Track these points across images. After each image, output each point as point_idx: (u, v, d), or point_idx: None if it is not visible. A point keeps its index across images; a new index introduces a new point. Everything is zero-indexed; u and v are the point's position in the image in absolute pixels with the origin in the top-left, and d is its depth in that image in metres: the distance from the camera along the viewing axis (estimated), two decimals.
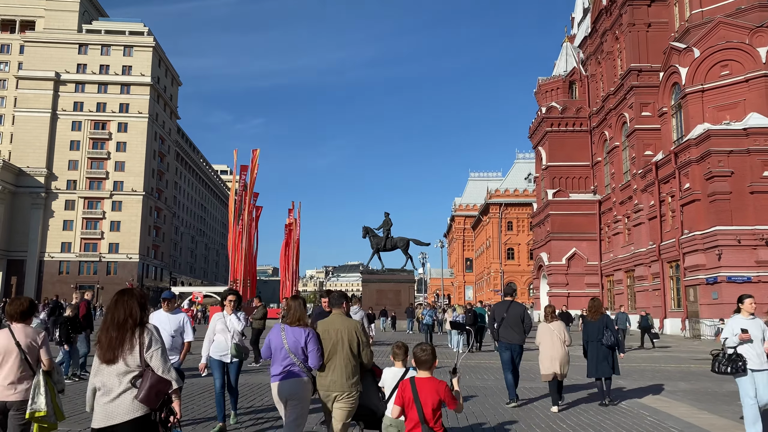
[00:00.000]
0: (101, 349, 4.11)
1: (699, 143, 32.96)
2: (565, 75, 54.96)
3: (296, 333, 5.67)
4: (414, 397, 4.58)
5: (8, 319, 5.24)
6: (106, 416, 4.02)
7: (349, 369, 5.65)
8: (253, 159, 43.74)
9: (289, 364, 5.61)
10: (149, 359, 4.13)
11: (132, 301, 4.25)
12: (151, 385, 4.03)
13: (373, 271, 47.15)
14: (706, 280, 32.06)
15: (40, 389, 5.02)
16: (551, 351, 9.70)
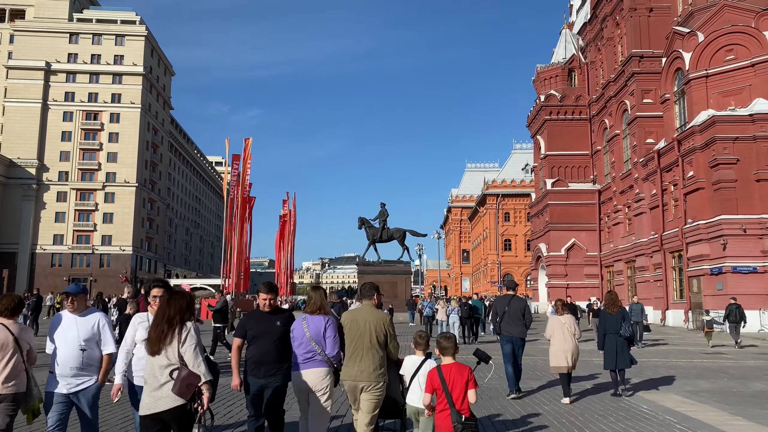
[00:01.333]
0: (150, 343, 4.61)
1: (703, 130, 32.05)
2: (564, 62, 53.94)
3: (317, 321, 5.71)
4: (442, 384, 4.98)
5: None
6: (151, 405, 4.49)
7: (377, 359, 5.67)
8: (245, 148, 42.77)
9: (312, 353, 5.63)
10: (183, 353, 4.53)
11: (182, 301, 4.70)
12: (182, 379, 4.44)
13: (369, 263, 46.25)
14: (710, 270, 31.23)
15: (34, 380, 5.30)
16: (563, 344, 9.82)
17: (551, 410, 9.24)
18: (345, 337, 5.80)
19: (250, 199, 46.11)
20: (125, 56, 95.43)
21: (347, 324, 5.82)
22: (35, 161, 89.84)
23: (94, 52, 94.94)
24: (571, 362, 9.78)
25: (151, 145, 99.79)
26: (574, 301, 29.75)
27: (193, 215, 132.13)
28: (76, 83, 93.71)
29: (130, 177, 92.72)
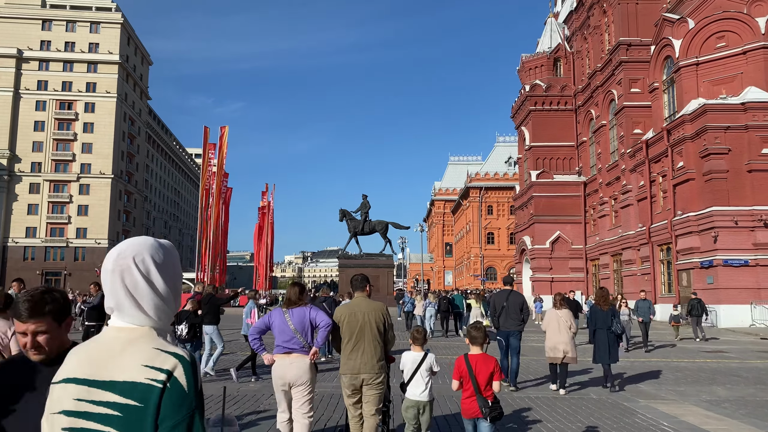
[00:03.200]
0: None
1: (694, 119, 31.15)
2: (549, 52, 52.91)
3: (299, 313, 5.77)
4: (469, 371, 5.33)
5: None
6: None
7: (378, 351, 5.68)
8: (221, 137, 41.13)
9: (293, 341, 5.66)
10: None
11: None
12: None
13: (350, 256, 44.98)
14: (700, 263, 30.39)
15: None
16: (557, 336, 10.15)
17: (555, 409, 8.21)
18: (344, 331, 5.73)
19: (227, 189, 44.53)
20: (100, 44, 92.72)
21: (345, 318, 5.75)
22: (6, 152, 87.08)
23: (68, 39, 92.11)
24: (563, 353, 10.06)
25: (127, 135, 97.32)
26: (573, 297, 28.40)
27: (172, 208, 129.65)
28: (49, 71, 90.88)
29: (106, 168, 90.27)
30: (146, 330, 1.75)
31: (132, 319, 1.76)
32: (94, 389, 1.64)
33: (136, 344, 1.70)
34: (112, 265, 1.81)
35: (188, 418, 1.63)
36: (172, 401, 1.62)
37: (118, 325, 1.78)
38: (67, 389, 1.67)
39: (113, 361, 1.67)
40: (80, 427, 1.62)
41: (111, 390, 1.63)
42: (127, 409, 1.60)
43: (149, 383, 1.62)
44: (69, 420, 1.64)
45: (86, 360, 1.71)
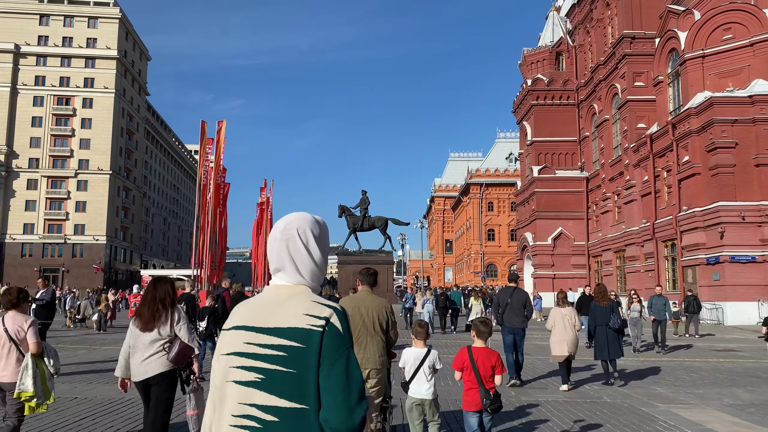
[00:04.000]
0: (142, 320, 5.35)
1: (700, 112, 30.53)
2: (551, 45, 52.24)
3: None
4: (471, 363, 5.51)
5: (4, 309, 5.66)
6: (144, 371, 5.25)
7: (381, 346, 5.70)
8: (218, 131, 40.37)
9: None
10: (178, 331, 5.38)
11: (167, 285, 5.54)
12: (179, 350, 5.31)
13: (349, 253, 44.31)
14: (706, 260, 29.79)
15: (27, 371, 5.32)
16: (563, 334, 10.16)
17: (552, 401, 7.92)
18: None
19: (224, 185, 43.89)
20: (98, 39, 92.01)
21: (348, 312, 5.50)
22: (4, 147, 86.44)
23: (65, 34, 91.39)
24: (569, 351, 10.12)
25: (125, 131, 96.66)
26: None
27: (171, 204, 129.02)
28: (46, 67, 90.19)
29: (104, 164, 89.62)
30: (303, 288, 2.07)
31: (292, 279, 2.08)
32: (261, 334, 1.94)
33: (296, 298, 2.02)
34: (280, 234, 2.10)
35: (345, 355, 1.92)
36: (331, 342, 1.91)
37: (279, 283, 2.10)
38: (237, 335, 1.98)
39: (277, 312, 1.98)
40: (250, 365, 1.92)
41: (276, 335, 1.93)
42: (292, 350, 1.90)
43: (310, 328, 1.92)
44: (240, 360, 1.94)
45: (253, 311, 2.02)
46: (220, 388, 1.96)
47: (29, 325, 5.55)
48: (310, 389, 1.87)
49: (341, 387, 1.86)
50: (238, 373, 1.92)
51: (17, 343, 5.48)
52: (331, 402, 1.85)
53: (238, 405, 1.89)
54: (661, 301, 16.81)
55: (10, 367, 5.45)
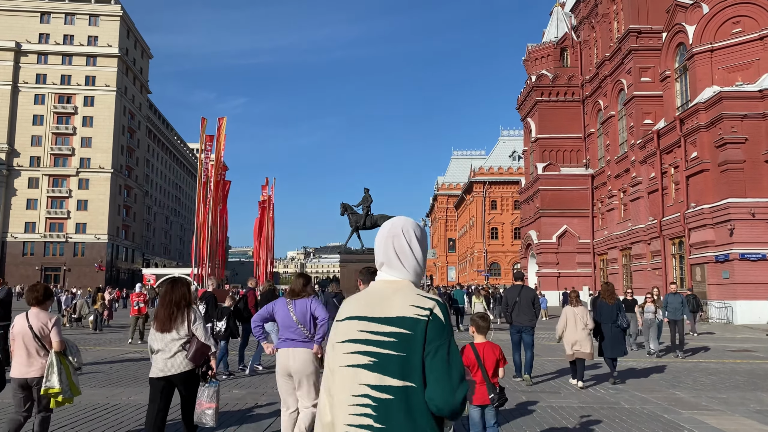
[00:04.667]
0: (159, 322, 5.60)
1: (709, 107, 29.93)
2: (556, 41, 51.61)
3: (301, 304, 5.88)
4: (477, 359, 5.53)
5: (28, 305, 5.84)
6: (164, 369, 5.54)
7: None
8: (219, 128, 39.99)
9: (297, 334, 5.74)
10: (194, 330, 5.64)
11: (184, 287, 5.78)
12: (197, 349, 5.60)
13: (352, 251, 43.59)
14: (715, 257, 29.20)
15: (53, 368, 5.49)
16: (575, 333, 10.23)
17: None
18: None
19: (225, 183, 43.43)
20: (99, 37, 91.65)
21: None
22: (5, 146, 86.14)
23: (66, 32, 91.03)
24: (583, 350, 10.11)
25: (127, 129, 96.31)
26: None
27: (173, 203, 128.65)
28: (47, 65, 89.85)
29: (106, 163, 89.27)
30: (407, 282, 2.31)
31: (397, 274, 2.31)
32: (372, 323, 2.17)
33: (401, 291, 2.25)
34: (387, 232, 2.36)
35: (447, 342, 2.14)
36: (435, 330, 2.13)
37: (385, 278, 2.34)
38: (350, 324, 2.21)
39: (386, 303, 2.20)
40: (364, 350, 2.14)
41: (387, 323, 2.15)
42: (400, 335, 2.12)
43: (416, 317, 2.15)
44: (354, 346, 2.16)
45: (363, 303, 2.25)
46: (335, 372, 2.20)
47: (53, 323, 5.70)
48: (416, 370, 2.10)
49: (445, 370, 2.08)
50: (353, 358, 2.15)
51: (41, 339, 5.61)
52: (436, 383, 2.07)
53: (356, 386, 2.12)
54: (677, 300, 15.35)
55: (36, 364, 5.58)
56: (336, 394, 2.16)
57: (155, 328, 5.62)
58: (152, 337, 5.66)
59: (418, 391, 2.07)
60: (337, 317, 2.28)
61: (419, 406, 2.06)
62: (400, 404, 2.05)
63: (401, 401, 2.05)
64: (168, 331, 5.56)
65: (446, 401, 2.05)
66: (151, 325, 5.73)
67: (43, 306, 5.81)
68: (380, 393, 2.07)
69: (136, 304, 19.03)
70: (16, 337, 5.64)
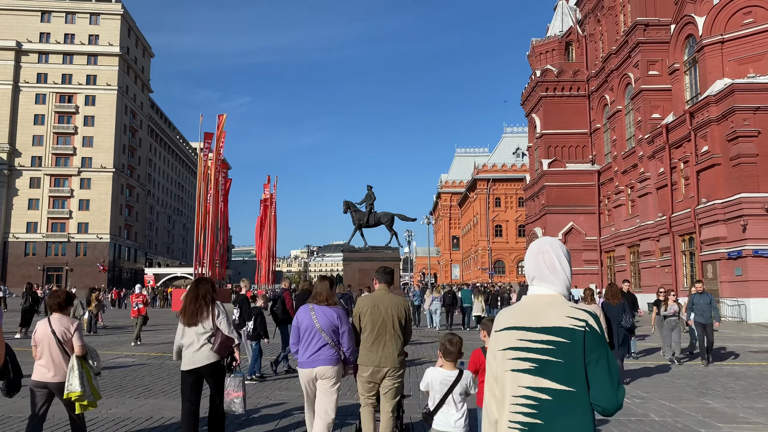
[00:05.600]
0: (186, 316, 5.93)
1: (720, 100, 29.19)
2: (560, 36, 50.83)
3: (327, 312, 5.72)
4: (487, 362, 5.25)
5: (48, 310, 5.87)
6: (192, 362, 5.83)
7: (399, 344, 5.63)
8: (219, 125, 39.39)
9: (322, 344, 5.60)
10: (219, 324, 5.91)
11: (208, 285, 6.11)
12: (221, 341, 5.86)
13: (355, 249, 43.00)
14: (727, 254, 28.47)
15: (74, 372, 5.52)
16: None
17: None
18: (366, 323, 5.69)
19: (226, 181, 42.83)
20: (100, 36, 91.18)
21: (368, 310, 5.69)
22: (6, 146, 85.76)
23: (67, 31, 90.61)
24: None
25: (129, 129, 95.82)
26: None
27: (175, 202, 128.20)
28: (48, 64, 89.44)
29: (107, 162, 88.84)
30: (558, 296, 2.48)
31: (549, 288, 2.49)
32: (531, 332, 2.37)
33: (554, 304, 2.43)
34: (537, 249, 2.57)
35: (605, 351, 2.35)
36: (593, 341, 2.33)
37: (536, 292, 2.51)
38: (510, 333, 2.41)
39: (542, 314, 2.40)
40: (524, 356, 2.35)
41: (545, 333, 2.35)
42: (559, 344, 2.33)
43: (573, 327, 2.35)
44: (515, 353, 2.38)
45: (520, 315, 2.44)
46: (499, 377, 2.44)
47: (75, 327, 5.76)
48: (575, 375, 2.31)
49: (607, 376, 2.31)
50: (514, 363, 2.37)
51: (63, 344, 5.65)
52: (601, 388, 2.30)
53: (517, 387, 2.35)
54: (704, 300, 13.45)
55: (58, 368, 5.61)
56: (500, 396, 2.42)
57: (183, 322, 5.97)
58: (180, 331, 6.00)
59: (575, 394, 2.30)
60: (495, 328, 2.51)
61: (575, 407, 2.29)
62: (558, 404, 2.29)
63: (559, 402, 2.29)
64: (194, 325, 5.89)
65: (611, 403, 2.32)
66: (179, 319, 6.10)
67: (65, 311, 5.87)
68: (539, 393, 2.31)
69: (135, 305, 18.45)
70: (38, 341, 5.70)
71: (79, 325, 5.86)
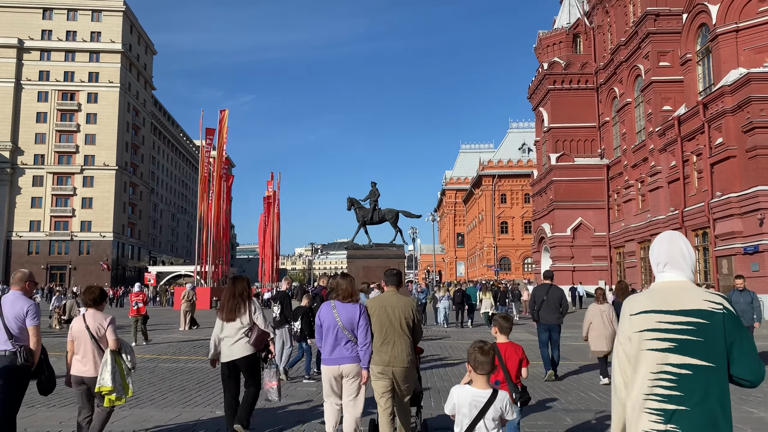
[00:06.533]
0: (224, 312, 6.40)
1: (735, 90, 28.26)
2: (568, 28, 49.90)
3: (349, 309, 5.80)
4: (499, 359, 5.24)
5: (83, 306, 6.07)
6: (230, 354, 6.29)
7: (408, 344, 5.71)
8: (220, 120, 38.63)
9: (346, 342, 5.71)
10: (255, 319, 6.40)
11: (244, 282, 6.62)
12: (258, 335, 6.35)
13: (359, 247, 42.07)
14: (743, 249, 27.57)
15: (107, 367, 5.65)
16: (602, 330, 10.31)
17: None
18: (374, 325, 5.77)
19: (228, 177, 42.11)
20: (102, 33, 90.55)
21: (375, 311, 5.80)
22: (9, 144, 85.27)
23: (69, 28, 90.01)
24: (610, 347, 9.98)
25: (131, 126, 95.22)
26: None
27: (179, 200, 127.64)
28: (50, 61, 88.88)
29: (110, 160, 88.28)
30: (689, 281, 2.72)
31: (680, 274, 2.74)
32: (668, 315, 2.59)
33: (688, 289, 2.67)
34: (667, 238, 2.84)
35: (745, 331, 2.59)
36: (733, 323, 2.58)
37: (668, 279, 2.75)
38: (647, 317, 2.62)
39: (678, 298, 2.62)
40: (663, 337, 2.57)
41: (683, 315, 2.58)
42: (698, 324, 2.56)
43: (712, 309, 2.57)
44: (654, 334, 2.60)
45: (655, 299, 2.65)
46: (632, 356, 2.65)
47: (108, 322, 5.87)
48: (714, 352, 2.54)
49: (751, 355, 2.58)
50: (654, 344, 2.59)
51: (97, 339, 5.77)
52: (746, 365, 2.57)
53: (655, 365, 2.57)
54: (746, 299, 11.52)
55: (92, 363, 5.72)
56: (634, 374, 2.63)
57: (221, 318, 6.41)
58: (218, 326, 6.42)
59: (714, 368, 2.54)
60: (630, 312, 2.70)
61: (714, 379, 2.53)
62: (697, 378, 2.52)
63: (698, 375, 2.52)
64: (233, 320, 6.31)
65: (757, 377, 2.59)
66: (217, 315, 6.51)
67: (99, 307, 5.99)
68: (680, 369, 2.53)
69: (135, 305, 17.71)
70: (75, 337, 5.83)
71: (113, 320, 5.95)
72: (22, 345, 5.41)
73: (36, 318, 5.55)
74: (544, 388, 10.09)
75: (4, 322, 5.42)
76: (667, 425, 2.50)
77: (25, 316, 5.49)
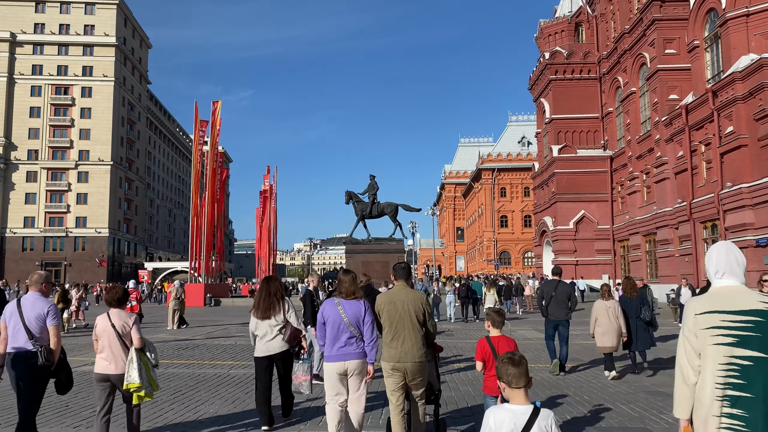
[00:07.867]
0: (260, 310, 6.87)
1: (746, 77, 27.25)
2: (570, 16, 48.82)
3: (353, 306, 5.79)
4: (492, 351, 5.48)
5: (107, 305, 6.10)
6: (267, 350, 6.82)
7: (419, 339, 5.64)
8: (214, 112, 37.53)
9: (351, 338, 5.70)
10: (288, 317, 6.87)
11: (277, 282, 7.12)
12: (291, 332, 6.87)
13: (357, 241, 41.20)
14: (756, 241, 26.61)
15: (133, 364, 5.71)
16: (608, 326, 10.45)
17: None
18: (384, 320, 5.73)
19: (222, 170, 41.04)
20: (96, 26, 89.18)
21: (384, 307, 5.73)
22: (2, 139, 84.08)
23: (62, 21, 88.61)
24: (616, 343, 10.44)
25: (126, 121, 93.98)
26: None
27: (176, 195, 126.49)
28: (43, 55, 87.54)
29: (105, 155, 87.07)
30: (743, 286, 3.11)
31: (735, 280, 3.11)
32: (730, 315, 2.94)
33: (744, 292, 3.06)
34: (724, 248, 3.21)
35: None
36: None
37: (725, 284, 3.11)
38: (711, 316, 2.97)
39: (735, 300, 2.98)
40: (727, 333, 2.92)
41: (743, 314, 2.93)
42: (756, 322, 2.91)
43: (766, 309, 2.94)
44: (718, 330, 2.95)
45: (715, 301, 3.01)
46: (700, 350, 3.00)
47: (133, 321, 5.96)
48: None
49: None
50: (719, 339, 2.94)
51: (123, 337, 5.85)
52: None
53: (723, 357, 2.92)
54: None
55: (118, 361, 5.79)
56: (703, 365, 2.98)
57: (257, 316, 6.86)
58: (254, 324, 6.89)
59: None
60: (695, 312, 3.06)
61: None
62: (756, 367, 2.86)
63: (758, 365, 2.86)
64: (268, 318, 6.78)
65: None
66: (252, 314, 6.92)
67: (123, 306, 6.10)
68: (742, 360, 2.88)
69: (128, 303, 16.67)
70: (99, 335, 5.89)
71: (137, 318, 6.02)
72: (42, 345, 5.56)
73: (57, 318, 5.76)
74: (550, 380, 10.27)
75: (25, 322, 5.60)
76: (733, 409, 2.87)
77: (46, 317, 5.67)
